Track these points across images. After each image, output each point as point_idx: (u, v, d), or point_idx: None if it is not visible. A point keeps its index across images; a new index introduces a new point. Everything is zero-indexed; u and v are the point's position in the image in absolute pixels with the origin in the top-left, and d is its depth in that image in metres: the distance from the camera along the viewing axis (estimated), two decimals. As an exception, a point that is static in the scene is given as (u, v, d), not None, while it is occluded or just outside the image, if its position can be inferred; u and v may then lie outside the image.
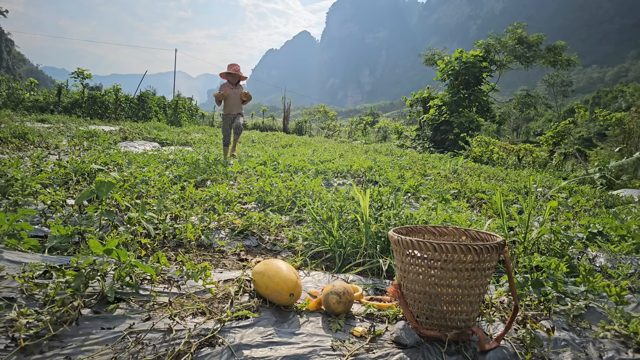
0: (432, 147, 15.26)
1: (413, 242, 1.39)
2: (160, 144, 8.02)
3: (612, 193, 6.63)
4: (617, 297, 1.70)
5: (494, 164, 10.64)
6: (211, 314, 1.47)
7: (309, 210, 2.86)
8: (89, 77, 13.88)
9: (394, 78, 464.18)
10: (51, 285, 1.42)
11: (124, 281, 1.54)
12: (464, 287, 1.38)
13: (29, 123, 8.57)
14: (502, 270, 2.33)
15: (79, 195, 2.22)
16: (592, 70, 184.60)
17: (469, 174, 6.88)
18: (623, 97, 37.53)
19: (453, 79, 16.13)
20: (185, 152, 6.01)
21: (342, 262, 2.31)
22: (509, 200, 4.73)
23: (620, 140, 13.56)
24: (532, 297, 1.83)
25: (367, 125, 26.00)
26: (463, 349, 1.39)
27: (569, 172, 10.72)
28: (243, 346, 1.30)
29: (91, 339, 1.24)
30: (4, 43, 68.66)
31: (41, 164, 3.66)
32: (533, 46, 19.64)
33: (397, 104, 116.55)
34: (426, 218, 2.89)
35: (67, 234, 2.03)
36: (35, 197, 2.67)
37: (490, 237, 1.55)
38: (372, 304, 1.68)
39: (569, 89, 53.99)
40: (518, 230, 2.67)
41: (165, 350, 1.21)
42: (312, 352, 1.30)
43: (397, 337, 1.41)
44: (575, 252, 2.53)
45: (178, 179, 3.92)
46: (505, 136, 29.64)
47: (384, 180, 5.00)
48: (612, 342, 1.50)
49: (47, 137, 6.31)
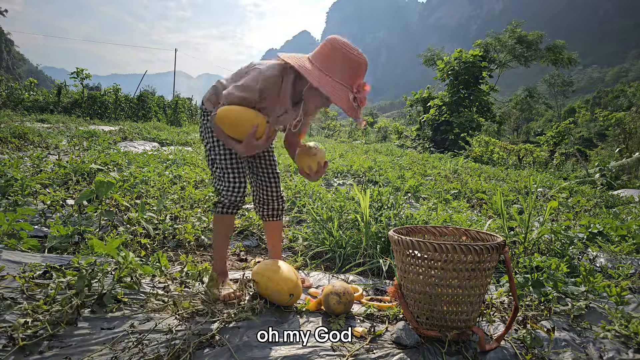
0: (432, 147, 15.26)
1: (413, 242, 1.38)
2: (160, 144, 8.01)
3: (613, 193, 6.63)
4: (617, 298, 1.70)
5: (494, 164, 10.63)
6: (212, 314, 1.47)
7: (309, 211, 2.85)
8: (88, 77, 13.87)
9: (394, 78, 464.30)
10: (52, 285, 1.42)
11: (124, 281, 1.54)
12: (464, 288, 1.38)
13: (28, 123, 8.57)
14: (502, 270, 2.33)
15: (79, 195, 2.21)
16: (592, 71, 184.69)
17: (469, 174, 6.88)
18: (624, 96, 37.52)
19: (453, 78, 16.13)
20: (185, 152, 6.01)
21: (342, 262, 2.31)
22: (509, 200, 4.72)
23: (621, 140, 13.56)
24: (532, 298, 1.83)
25: (367, 125, 25.96)
26: (463, 350, 1.38)
27: (569, 172, 10.72)
28: (243, 346, 1.30)
29: (91, 339, 1.23)
30: (3, 43, 68.72)
31: (41, 164, 3.66)
32: (532, 45, 19.64)
33: (397, 104, 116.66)
34: (426, 218, 2.88)
35: (67, 234, 2.02)
36: (35, 197, 2.66)
37: (490, 238, 1.55)
38: (372, 304, 1.67)
39: (570, 89, 53.93)
40: (518, 231, 2.67)
41: (165, 350, 1.21)
42: (312, 352, 1.30)
43: (397, 337, 1.41)
44: (576, 252, 2.53)
45: (178, 178, 3.91)
46: (505, 136, 29.63)
47: (384, 181, 5.00)
48: (613, 343, 1.50)
49: (46, 137, 6.30)
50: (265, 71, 1.47)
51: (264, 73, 1.47)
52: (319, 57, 1.45)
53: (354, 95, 1.42)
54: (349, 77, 1.42)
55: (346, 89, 1.42)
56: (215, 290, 1.59)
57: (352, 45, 1.42)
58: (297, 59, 1.46)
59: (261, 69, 1.48)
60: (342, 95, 1.41)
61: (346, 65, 1.41)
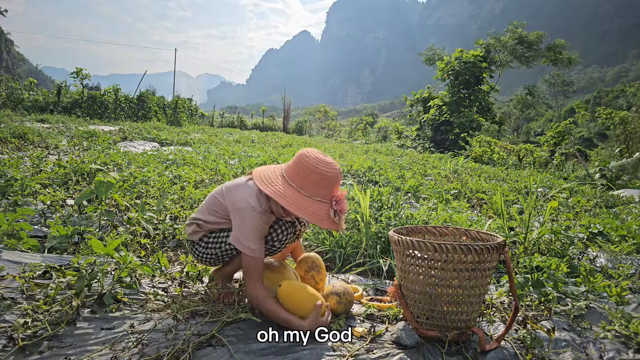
0: (432, 147, 15.26)
1: (413, 242, 1.38)
2: (159, 144, 8.01)
3: (613, 193, 6.62)
4: (617, 298, 1.70)
5: (494, 164, 10.63)
6: (211, 314, 1.47)
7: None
8: (88, 77, 13.87)
9: (394, 78, 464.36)
10: (52, 285, 1.42)
11: (124, 281, 1.54)
12: (465, 288, 1.38)
13: (28, 123, 8.57)
14: (502, 270, 2.32)
15: (79, 195, 2.21)
16: (592, 70, 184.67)
17: (470, 174, 6.88)
18: (624, 96, 37.50)
19: (453, 78, 16.13)
20: (185, 152, 6.01)
21: (342, 262, 2.31)
22: (509, 200, 4.72)
23: (622, 140, 13.56)
24: (532, 298, 1.83)
25: (367, 125, 26.01)
26: (463, 350, 1.38)
27: (569, 172, 10.71)
28: (242, 346, 1.30)
29: (91, 339, 1.23)
30: (3, 43, 68.67)
31: (41, 164, 3.66)
32: (533, 45, 19.65)
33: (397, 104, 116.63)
34: (426, 218, 2.88)
35: (67, 234, 2.02)
36: (35, 197, 2.66)
37: (490, 238, 1.55)
38: (372, 305, 1.67)
39: (570, 89, 53.89)
40: (518, 231, 2.67)
41: (165, 350, 1.21)
42: (312, 352, 1.30)
43: (398, 337, 1.41)
44: (576, 252, 2.53)
45: (178, 178, 3.91)
46: (505, 136, 29.62)
47: (384, 181, 5.00)
48: (613, 343, 1.50)
49: (46, 137, 6.30)
50: (255, 205, 1.45)
51: (255, 209, 1.45)
52: (295, 177, 1.47)
53: (333, 209, 1.46)
54: (327, 193, 1.47)
55: (326, 204, 1.46)
56: (215, 291, 1.59)
57: (324, 160, 1.46)
58: (272, 185, 1.46)
59: (252, 206, 1.45)
60: (322, 214, 1.44)
61: (322, 183, 1.45)
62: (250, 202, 1.46)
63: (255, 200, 1.47)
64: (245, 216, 1.45)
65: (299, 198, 1.44)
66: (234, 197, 1.50)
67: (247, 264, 1.45)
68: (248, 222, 1.45)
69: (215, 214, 1.57)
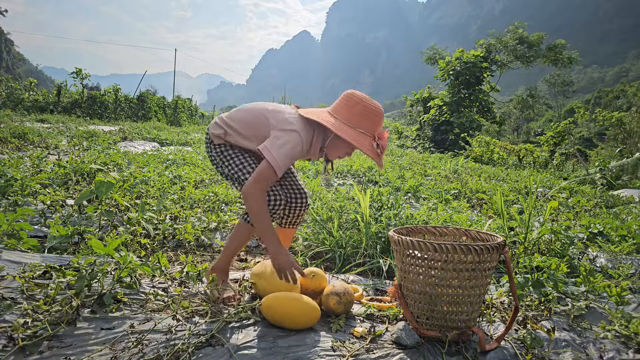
0: (432, 147, 15.25)
1: (413, 242, 1.38)
2: (160, 144, 8.01)
3: (613, 193, 6.62)
4: (617, 298, 1.70)
5: (494, 164, 10.63)
6: (211, 314, 1.47)
7: (308, 211, 2.85)
8: (88, 77, 13.87)
9: (394, 78, 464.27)
10: (52, 285, 1.42)
11: (123, 281, 1.54)
12: (465, 288, 1.38)
13: (28, 123, 8.57)
14: (502, 270, 2.32)
15: (79, 195, 2.21)
16: (592, 70, 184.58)
17: (470, 174, 6.88)
18: (625, 96, 37.47)
19: (454, 78, 16.13)
20: (185, 152, 6.01)
21: (342, 262, 2.31)
22: (509, 200, 4.72)
23: (620, 140, 13.56)
24: (532, 298, 1.83)
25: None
26: (463, 350, 1.38)
27: (569, 172, 10.71)
28: (242, 347, 1.30)
29: (91, 339, 1.23)
30: (3, 43, 68.63)
31: (41, 164, 3.66)
32: (534, 46, 19.64)
33: (398, 104, 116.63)
34: (426, 218, 2.88)
35: (67, 234, 2.02)
36: (35, 197, 2.66)
37: (490, 238, 1.55)
38: (372, 305, 1.67)
39: (570, 89, 53.85)
40: (518, 231, 2.67)
41: (165, 351, 1.21)
42: (312, 352, 1.30)
43: (398, 337, 1.41)
44: (576, 252, 2.53)
45: (178, 178, 3.91)
46: (505, 136, 29.61)
47: (384, 181, 5.00)
48: (613, 343, 1.50)
49: (46, 137, 6.30)
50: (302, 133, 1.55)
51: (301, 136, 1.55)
52: (340, 111, 1.57)
53: (376, 142, 1.55)
54: (370, 126, 1.55)
55: (369, 137, 1.55)
56: (215, 291, 1.59)
57: (368, 97, 1.57)
58: (320, 115, 1.57)
59: (298, 132, 1.54)
60: (366, 143, 1.54)
61: (366, 116, 1.54)
62: (297, 127, 1.55)
63: (302, 127, 1.56)
64: (288, 138, 1.53)
65: (345, 127, 1.52)
66: (283, 117, 1.58)
67: (263, 169, 1.51)
68: (287, 144, 1.52)
69: (255, 131, 1.62)
